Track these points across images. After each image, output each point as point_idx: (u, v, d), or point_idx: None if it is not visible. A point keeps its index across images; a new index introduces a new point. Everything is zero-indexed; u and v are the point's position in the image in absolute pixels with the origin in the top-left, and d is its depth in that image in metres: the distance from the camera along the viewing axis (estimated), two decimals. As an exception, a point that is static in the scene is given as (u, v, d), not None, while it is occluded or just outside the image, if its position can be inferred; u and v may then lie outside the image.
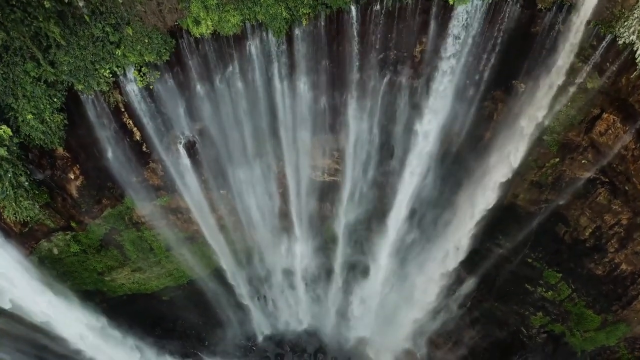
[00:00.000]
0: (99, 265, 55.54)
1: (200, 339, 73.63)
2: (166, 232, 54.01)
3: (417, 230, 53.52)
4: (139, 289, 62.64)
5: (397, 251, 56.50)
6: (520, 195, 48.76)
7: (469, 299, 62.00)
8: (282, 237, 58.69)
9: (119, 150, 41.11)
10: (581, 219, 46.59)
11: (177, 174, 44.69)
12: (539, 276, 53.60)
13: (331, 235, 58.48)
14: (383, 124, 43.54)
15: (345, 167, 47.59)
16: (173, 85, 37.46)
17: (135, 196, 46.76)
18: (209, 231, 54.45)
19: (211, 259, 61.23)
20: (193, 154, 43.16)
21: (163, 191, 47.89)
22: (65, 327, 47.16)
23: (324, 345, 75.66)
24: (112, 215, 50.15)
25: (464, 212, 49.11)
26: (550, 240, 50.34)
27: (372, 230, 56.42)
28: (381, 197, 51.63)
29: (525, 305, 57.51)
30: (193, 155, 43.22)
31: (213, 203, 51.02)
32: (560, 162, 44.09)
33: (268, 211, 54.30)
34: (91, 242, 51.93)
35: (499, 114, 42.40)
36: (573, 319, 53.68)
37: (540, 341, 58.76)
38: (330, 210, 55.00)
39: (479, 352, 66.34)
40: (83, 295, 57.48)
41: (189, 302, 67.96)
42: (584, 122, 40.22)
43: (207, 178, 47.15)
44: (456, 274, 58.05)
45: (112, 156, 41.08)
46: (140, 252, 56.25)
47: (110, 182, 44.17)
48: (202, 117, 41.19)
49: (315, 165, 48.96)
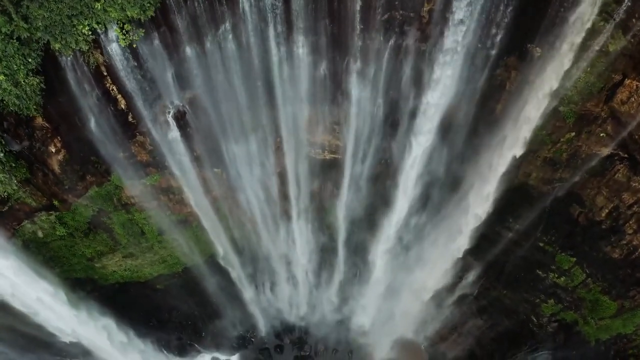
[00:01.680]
0: (88, 251, 52.77)
1: (196, 330, 71.06)
2: (158, 214, 51.15)
3: (422, 211, 50.53)
4: (131, 276, 59.82)
5: (402, 234, 53.57)
6: (533, 174, 46.00)
7: (476, 286, 59.23)
8: (280, 220, 55.65)
9: (103, 121, 38.19)
10: (597, 198, 44.02)
11: (166, 148, 41.80)
12: (551, 261, 50.91)
13: (332, 218, 55.54)
14: (387, 93, 40.60)
15: (347, 143, 44.66)
16: (160, 46, 34.57)
17: (123, 174, 43.85)
18: (203, 214, 51.64)
19: (206, 244, 58.40)
20: (183, 126, 40.28)
21: (152, 168, 44.93)
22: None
23: (325, 337, 72.62)
24: (100, 195, 47.31)
25: (473, 191, 45.79)
26: (563, 222, 47.75)
27: (376, 212, 53.25)
28: (385, 175, 48.52)
29: (536, 293, 54.86)
30: (183, 127, 40.35)
31: (207, 183, 48.16)
32: (576, 137, 41.30)
33: (265, 192, 51.29)
34: (78, 225, 49.07)
35: (512, 83, 39.44)
36: (587, 306, 50.98)
37: (551, 330, 56.03)
38: (331, 191, 51.95)
39: (485, 343, 63.62)
40: (73, 283, 54.41)
41: (185, 292, 65.17)
42: (604, 89, 37.33)
43: (199, 154, 44.19)
44: (463, 260, 54.88)
45: (96, 127, 38.17)
46: (131, 237, 53.39)
47: (94, 157, 41.32)
48: (192, 85, 38.28)
49: (314, 141, 45.98)
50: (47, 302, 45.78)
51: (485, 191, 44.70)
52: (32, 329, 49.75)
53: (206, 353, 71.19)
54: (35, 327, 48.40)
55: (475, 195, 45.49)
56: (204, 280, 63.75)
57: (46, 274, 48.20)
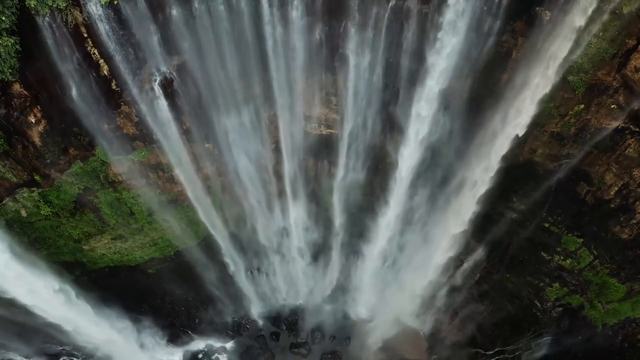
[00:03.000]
0: (75, 232, 50.57)
1: (190, 316, 68.96)
2: (147, 193, 48.97)
3: (423, 189, 48.16)
4: (121, 260, 57.67)
5: (401, 215, 51.23)
6: (539, 150, 44.05)
7: (478, 270, 57.23)
8: (275, 200, 53.38)
9: (85, 88, 35.89)
10: (606, 175, 42.14)
11: (154, 120, 39.52)
12: (556, 242, 49.00)
13: (329, 198, 53.23)
14: (387, 60, 38.33)
15: (344, 117, 42.36)
16: (144, 6, 32.21)
17: (109, 148, 41.57)
18: (194, 193, 49.53)
19: (199, 226, 56.21)
20: (171, 95, 37.93)
21: (139, 142, 42.64)
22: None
23: (322, 323, 70.77)
24: (85, 172, 45.08)
25: (477, 168, 43.56)
26: (570, 201, 45.90)
27: (374, 192, 51.03)
28: (383, 152, 46.20)
29: (540, 276, 53.01)
30: (171, 96, 38.02)
31: (197, 159, 45.95)
32: (585, 110, 39.36)
33: (259, 170, 49.01)
34: (64, 204, 46.89)
35: (519, 51, 37.36)
36: (594, 290, 49.17)
37: (556, 315, 54.14)
38: (327, 170, 49.63)
39: (487, 329, 61.76)
40: (61, 267, 52.22)
41: (177, 276, 63.10)
42: (617, 56, 35.28)
43: (189, 127, 41.90)
44: (464, 243, 52.77)
45: (77, 95, 35.89)
46: (119, 217, 51.14)
47: (76, 128, 38.89)
48: (179, 50, 36.00)
49: (310, 115, 43.68)
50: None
51: (489, 166, 42.23)
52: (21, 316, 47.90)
53: (200, 340, 69.43)
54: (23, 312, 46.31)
55: (478, 170, 43.06)
56: (197, 265, 61.77)
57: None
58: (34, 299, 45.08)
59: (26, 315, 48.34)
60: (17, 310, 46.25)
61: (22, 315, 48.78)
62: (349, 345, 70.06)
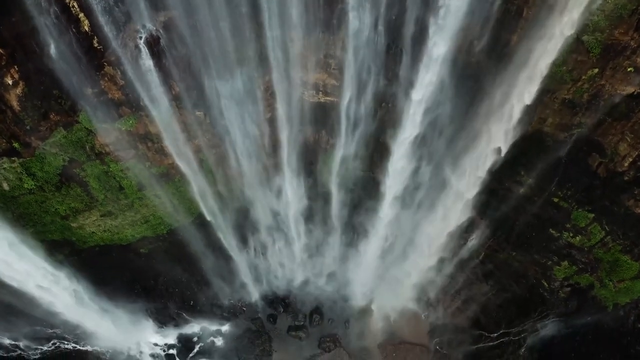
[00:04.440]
0: (62, 207, 48.15)
1: (184, 298, 66.72)
2: (136, 166, 46.55)
3: (427, 161, 45.55)
4: (112, 238, 55.31)
5: (404, 190, 48.61)
6: (549, 119, 42.02)
7: (483, 249, 55.02)
8: (271, 175, 50.80)
9: (64, 45, 33.35)
10: (620, 146, 40.04)
11: (140, 83, 36.96)
12: (566, 218, 46.88)
13: (327, 172, 50.69)
14: (390, 18, 35.46)
15: (344, 82, 39.74)
16: (126, -48, 29.16)
17: (93, 114, 39.09)
18: (185, 166, 47.18)
19: (192, 203, 53.69)
20: (157, 55, 35.32)
21: (126, 108, 40.08)
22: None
23: (320, 306, 68.77)
24: (70, 142, 42.63)
25: (483, 137, 41.05)
26: (581, 174, 43.77)
27: (374, 166, 48.47)
28: (385, 120, 43.60)
29: (548, 254, 50.91)
30: (158, 56, 35.34)
31: (188, 128, 43.46)
32: (599, 74, 37.21)
33: (254, 142, 46.43)
34: (48, 177, 44.49)
35: (530, 9, 35.21)
36: (605, 268, 47.05)
37: (563, 296, 51.97)
38: (326, 141, 47.02)
39: (491, 310, 59.62)
40: (49, 246, 49.76)
41: (171, 256, 60.88)
42: (636, 12, 32.93)
43: (178, 92, 39.34)
44: (468, 219, 50.27)
45: (56, 53, 33.35)
46: (108, 192, 48.74)
47: (57, 90, 36.14)
48: (166, 4, 33.23)
49: (307, 80, 41.18)
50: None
51: (497, 136, 39.69)
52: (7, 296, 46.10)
53: (195, 322, 67.32)
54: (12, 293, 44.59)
55: (486, 141, 40.53)
56: (191, 244, 59.56)
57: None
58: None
59: (12, 296, 45.57)
60: (4, 290, 43.83)
61: (9, 296, 46.07)
62: (348, 328, 68.17)
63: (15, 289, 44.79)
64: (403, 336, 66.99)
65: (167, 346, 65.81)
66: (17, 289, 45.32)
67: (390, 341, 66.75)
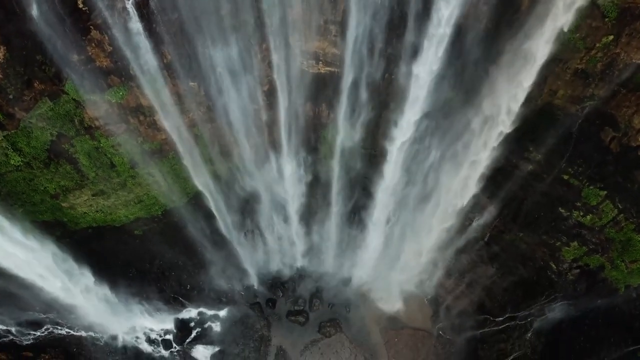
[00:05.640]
0: (51, 186, 46.23)
1: (180, 281, 65.03)
2: (128, 142, 44.53)
3: (431, 137, 43.46)
4: (105, 219, 53.38)
5: (408, 165, 46.48)
6: (560, 91, 40.35)
7: (488, 229, 53.15)
8: (269, 152, 48.62)
9: (47, 6, 30.70)
10: (635, 119, 38.40)
11: (130, 50, 34.86)
12: (576, 197, 45.16)
13: (328, 149, 48.51)
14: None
15: (346, 50, 37.37)
16: None
17: (80, 83, 36.96)
18: (180, 141, 45.04)
19: (187, 182, 51.57)
20: (147, 18, 32.99)
21: (115, 77, 37.93)
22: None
23: (321, 290, 66.94)
24: (58, 115, 40.64)
25: (491, 110, 38.94)
26: (593, 149, 42.09)
27: (376, 143, 46.28)
28: (389, 92, 41.38)
29: (557, 235, 49.24)
30: (147, 19, 33.06)
31: (182, 101, 41.20)
32: (614, 41, 35.39)
33: (251, 116, 44.05)
34: (35, 152, 42.57)
35: (542, -29, 32.07)
36: (616, 248, 45.31)
37: (572, 278, 50.15)
38: (326, 115, 44.79)
39: (496, 294, 57.76)
40: (40, 227, 47.76)
41: (166, 239, 59.12)
42: (657, -28, 30.12)
43: (170, 60, 37.23)
44: (474, 199, 48.24)
45: (38, 14, 31.22)
46: (99, 169, 46.72)
47: (40, 55, 33.89)
48: (155, -39, 30.75)
49: (307, 49, 38.99)
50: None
51: (505, 107, 37.58)
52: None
53: (192, 307, 65.79)
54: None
55: (494, 112, 38.42)
56: (187, 226, 57.72)
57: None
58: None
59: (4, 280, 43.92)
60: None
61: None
62: (349, 312, 66.57)
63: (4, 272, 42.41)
64: (405, 321, 65.40)
65: (163, 331, 64.09)
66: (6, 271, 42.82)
67: (392, 326, 65.19)
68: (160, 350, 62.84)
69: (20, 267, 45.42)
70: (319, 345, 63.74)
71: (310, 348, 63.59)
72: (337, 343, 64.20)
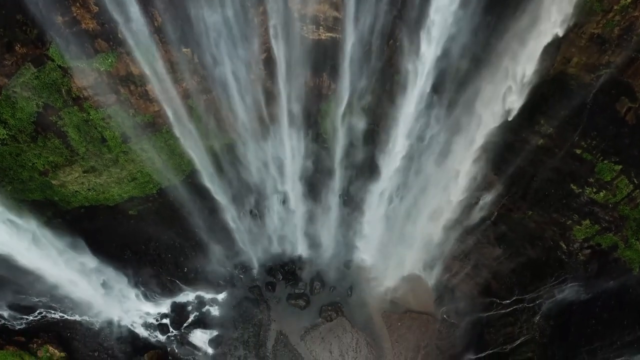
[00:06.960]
0: (39, 161, 44.32)
1: (177, 264, 63.13)
2: (119, 113, 42.43)
3: (439, 109, 41.11)
4: (97, 198, 51.44)
5: (413, 140, 44.22)
6: (574, 58, 38.25)
7: (496, 208, 51.10)
8: (268, 126, 46.29)
9: (25, -43, 28.36)
10: (653, 88, 35.14)
11: (117, 10, 32.13)
12: (589, 172, 43.18)
13: (329, 123, 46.20)
14: None
15: (347, 13, 34.69)
16: None
17: (65, 47, 34.70)
18: (173, 113, 42.55)
19: (182, 158, 49.38)
20: (134, -26, 30.46)
21: (103, 41, 35.73)
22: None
23: (322, 273, 65.36)
24: (44, 84, 38.57)
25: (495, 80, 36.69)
26: (608, 121, 39.89)
27: (380, 117, 43.94)
28: (393, 61, 39.00)
29: (568, 213, 47.25)
30: (134, -25, 30.53)
31: (174, 69, 38.90)
32: (632, 4, 33.18)
33: (248, 88, 41.71)
34: (21, 125, 40.57)
35: None
36: (631, 226, 43.47)
37: (583, 258, 48.24)
38: (327, 86, 42.42)
39: (503, 276, 55.74)
40: (31, 207, 45.63)
41: (162, 219, 57.17)
42: None
43: (161, 24, 34.82)
44: (481, 176, 45.95)
45: (16, -33, 28.30)
46: (89, 144, 44.66)
47: (20, 15, 31.42)
48: None
49: (306, 13, 36.63)
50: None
51: (518, 73, 35.25)
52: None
53: (189, 291, 63.99)
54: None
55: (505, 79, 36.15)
56: (183, 206, 55.73)
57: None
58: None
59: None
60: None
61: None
62: (350, 296, 64.86)
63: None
64: (408, 305, 63.63)
65: (160, 315, 62.22)
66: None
67: (395, 310, 63.47)
68: (157, 334, 61.13)
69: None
70: (320, 330, 61.98)
71: (311, 332, 61.82)
72: (338, 327, 62.40)
